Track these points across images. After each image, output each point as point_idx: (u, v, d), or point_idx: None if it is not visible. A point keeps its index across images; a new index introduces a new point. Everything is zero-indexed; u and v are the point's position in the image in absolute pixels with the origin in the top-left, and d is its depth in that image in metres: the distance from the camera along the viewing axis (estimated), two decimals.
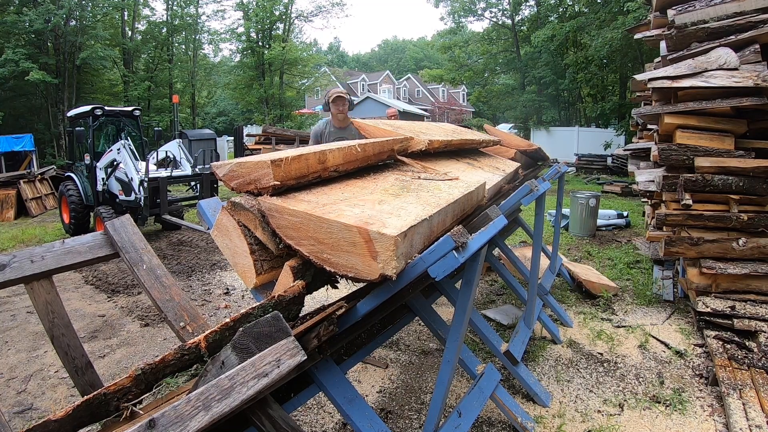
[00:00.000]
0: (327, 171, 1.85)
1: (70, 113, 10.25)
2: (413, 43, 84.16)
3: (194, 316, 1.87)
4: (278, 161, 1.62)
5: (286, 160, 1.64)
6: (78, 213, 9.11)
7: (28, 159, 15.92)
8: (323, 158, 1.81)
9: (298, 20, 33.22)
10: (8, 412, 3.23)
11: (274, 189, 1.61)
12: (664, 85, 4.13)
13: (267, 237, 1.61)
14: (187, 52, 31.87)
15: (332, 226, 1.48)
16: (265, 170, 1.61)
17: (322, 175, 1.84)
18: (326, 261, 1.53)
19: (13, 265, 1.66)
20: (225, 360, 1.19)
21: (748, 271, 3.95)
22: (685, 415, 3.02)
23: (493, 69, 32.16)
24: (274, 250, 1.62)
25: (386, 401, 3.25)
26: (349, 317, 1.71)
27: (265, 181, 1.62)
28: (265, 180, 1.62)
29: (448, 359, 2.00)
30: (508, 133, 5.78)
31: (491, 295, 5.27)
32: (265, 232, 1.62)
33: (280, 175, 1.61)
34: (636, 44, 17.25)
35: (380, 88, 50.31)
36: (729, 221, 3.99)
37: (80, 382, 1.73)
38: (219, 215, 1.70)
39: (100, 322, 4.89)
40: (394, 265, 1.40)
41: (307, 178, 1.76)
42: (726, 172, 3.98)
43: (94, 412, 1.16)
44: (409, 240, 1.48)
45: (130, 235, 1.94)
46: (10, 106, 21.98)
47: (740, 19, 4.25)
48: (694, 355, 3.79)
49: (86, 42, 22.96)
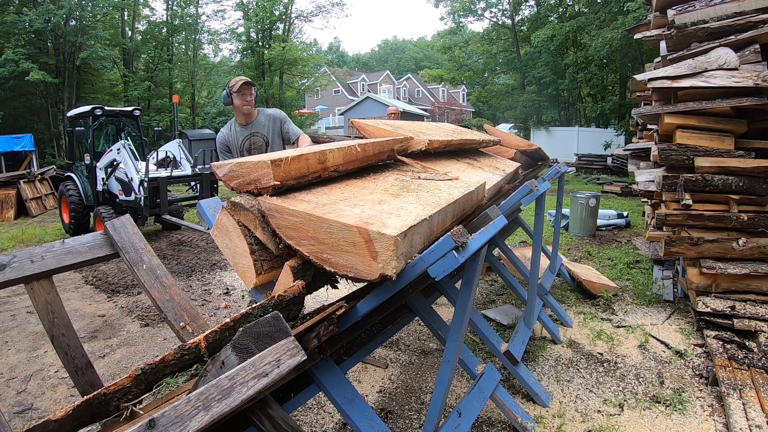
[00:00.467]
0: (327, 171, 1.85)
1: (70, 113, 10.26)
2: (413, 43, 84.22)
3: (194, 316, 1.87)
4: (278, 161, 1.61)
5: (286, 160, 1.64)
6: (78, 213, 9.12)
7: (28, 159, 15.93)
8: (323, 158, 1.81)
9: (298, 20, 33.27)
10: (8, 412, 3.23)
11: (274, 189, 1.61)
12: (664, 85, 4.13)
13: (267, 237, 1.61)
14: (187, 52, 31.88)
15: (332, 226, 1.47)
16: (265, 170, 1.61)
17: (322, 175, 1.84)
18: (326, 261, 1.53)
19: (13, 265, 1.66)
20: (225, 360, 1.19)
21: (748, 271, 3.95)
22: (685, 415, 3.02)
23: (493, 69, 32.18)
24: (274, 250, 1.62)
25: (386, 401, 3.25)
26: (349, 317, 1.71)
27: (265, 181, 1.61)
28: (265, 180, 1.62)
29: (448, 359, 2.00)
30: (508, 133, 5.78)
31: (491, 295, 5.28)
32: (265, 232, 1.61)
33: (280, 175, 1.61)
34: (636, 44, 17.26)
35: (380, 88, 50.32)
36: (729, 221, 3.99)
37: (80, 382, 1.73)
38: (219, 215, 1.70)
39: (100, 322, 4.89)
40: (394, 265, 1.40)
41: (307, 178, 1.76)
42: (726, 172, 3.98)
43: (94, 412, 1.16)
44: (409, 240, 1.48)
45: (130, 235, 1.94)
46: (10, 106, 21.99)
47: (740, 19, 4.24)
48: (694, 355, 3.79)
49: (86, 42, 22.97)
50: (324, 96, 47.61)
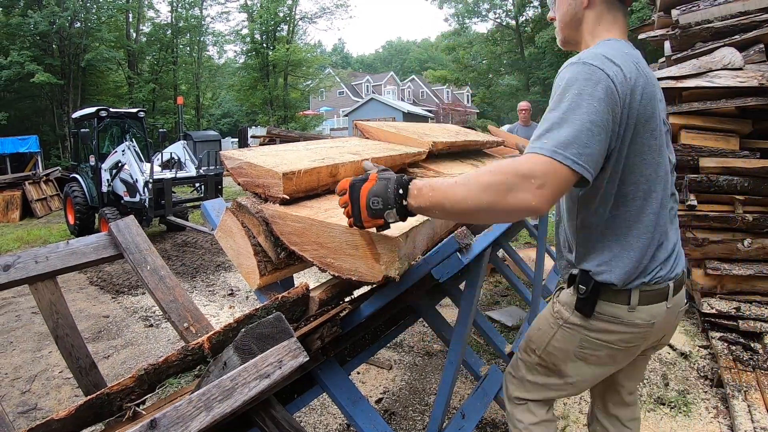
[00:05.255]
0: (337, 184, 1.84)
1: (75, 115, 10.31)
2: (417, 45, 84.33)
3: (198, 317, 1.87)
4: (290, 174, 1.59)
5: (298, 174, 1.62)
6: (83, 214, 9.16)
7: (33, 160, 16.03)
8: (335, 172, 1.81)
9: (302, 22, 33.39)
10: (12, 411, 3.25)
11: (282, 201, 1.61)
12: (668, 85, 4.11)
13: (269, 245, 1.61)
14: (191, 53, 32.05)
15: (334, 230, 1.48)
16: (275, 180, 1.59)
17: (331, 188, 1.83)
18: (330, 266, 1.53)
19: (17, 265, 1.66)
20: (227, 361, 1.19)
21: (754, 272, 3.93)
22: (689, 417, 3.01)
23: (497, 70, 32.16)
24: (274, 259, 1.62)
25: (390, 402, 3.24)
26: (353, 318, 1.71)
27: (274, 191, 1.60)
28: (274, 189, 1.60)
29: (452, 360, 1.99)
30: (512, 134, 5.77)
31: (496, 297, 5.26)
32: (267, 240, 1.61)
33: (290, 188, 1.60)
34: (640, 44, 17.20)
35: (384, 89, 50.39)
36: (734, 222, 3.97)
37: (84, 383, 1.74)
38: (223, 216, 1.70)
39: (104, 323, 4.91)
40: (397, 267, 1.39)
41: (316, 190, 1.75)
42: (731, 172, 3.96)
43: (97, 411, 1.17)
44: (411, 241, 1.48)
45: (134, 236, 1.95)
46: (15, 107, 22.14)
47: (744, 18, 4.23)
48: (698, 356, 3.77)
49: (91, 44, 23.10)
50: (328, 97, 47.70)
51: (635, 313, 1.47)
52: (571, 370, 1.61)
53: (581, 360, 1.58)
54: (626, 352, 1.55)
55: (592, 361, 1.57)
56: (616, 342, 1.51)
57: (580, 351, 1.56)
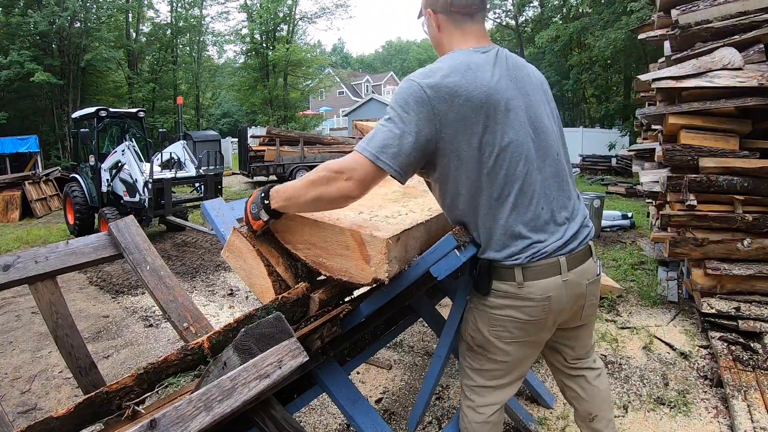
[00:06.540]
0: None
1: (75, 115, 10.30)
2: (417, 44, 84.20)
3: (197, 317, 1.87)
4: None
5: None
6: (82, 214, 9.14)
7: (32, 160, 16.02)
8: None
9: (302, 22, 33.33)
10: (12, 411, 3.25)
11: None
12: (668, 85, 4.11)
13: (289, 275, 1.63)
14: (191, 53, 32.02)
15: (326, 229, 1.48)
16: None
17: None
18: (321, 265, 1.54)
19: (17, 265, 1.66)
20: (227, 361, 1.19)
21: (753, 272, 3.93)
22: (689, 416, 3.01)
23: None
24: (292, 285, 1.62)
25: (390, 402, 3.24)
26: (352, 318, 1.71)
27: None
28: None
29: (440, 354, 1.99)
30: None
31: None
32: (288, 271, 1.63)
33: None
34: (640, 44, 17.19)
35: (384, 89, 50.40)
36: (734, 222, 3.97)
37: (84, 383, 1.74)
38: (230, 237, 1.69)
39: (104, 323, 4.91)
40: (386, 269, 1.40)
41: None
42: (731, 172, 3.96)
43: (96, 410, 1.17)
44: (402, 244, 1.48)
45: (134, 236, 1.95)
46: (15, 107, 22.10)
47: (744, 18, 4.22)
48: (698, 356, 3.78)
49: (91, 44, 23.06)
50: (328, 97, 47.67)
51: (525, 288, 1.52)
52: (494, 349, 1.65)
53: (497, 338, 1.62)
54: (536, 324, 1.59)
55: (507, 338, 1.61)
56: (518, 317, 1.56)
57: (493, 330, 1.61)
